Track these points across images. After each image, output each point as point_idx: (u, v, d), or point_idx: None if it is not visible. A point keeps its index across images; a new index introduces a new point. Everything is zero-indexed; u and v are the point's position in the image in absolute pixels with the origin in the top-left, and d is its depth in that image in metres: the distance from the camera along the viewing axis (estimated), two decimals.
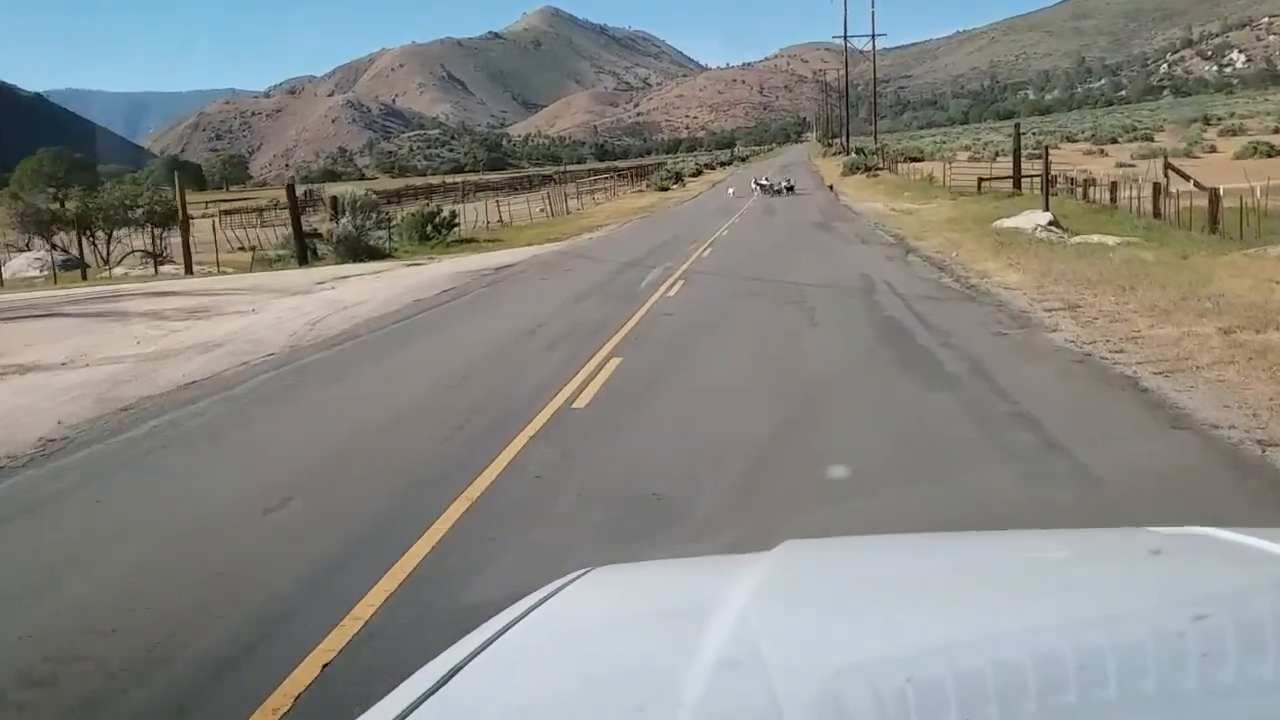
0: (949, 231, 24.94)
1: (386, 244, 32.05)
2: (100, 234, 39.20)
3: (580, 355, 10.57)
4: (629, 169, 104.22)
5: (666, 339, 11.58)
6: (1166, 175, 34.20)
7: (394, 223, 37.48)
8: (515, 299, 16.52)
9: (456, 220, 37.95)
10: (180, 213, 28.91)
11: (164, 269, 34.01)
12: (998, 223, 26.21)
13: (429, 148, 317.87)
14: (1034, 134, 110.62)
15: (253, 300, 18.61)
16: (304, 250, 28.79)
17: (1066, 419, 7.20)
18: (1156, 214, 28.49)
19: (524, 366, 10.39)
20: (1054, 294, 13.35)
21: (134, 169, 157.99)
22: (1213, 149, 70.33)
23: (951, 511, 5.33)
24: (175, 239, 45.78)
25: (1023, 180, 40.55)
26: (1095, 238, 20.16)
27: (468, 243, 35.58)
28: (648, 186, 75.61)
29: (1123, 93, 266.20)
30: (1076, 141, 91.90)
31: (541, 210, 53.03)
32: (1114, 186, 32.83)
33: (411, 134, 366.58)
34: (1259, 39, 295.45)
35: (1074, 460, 6.16)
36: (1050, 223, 25.12)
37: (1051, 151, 62.82)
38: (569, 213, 53.31)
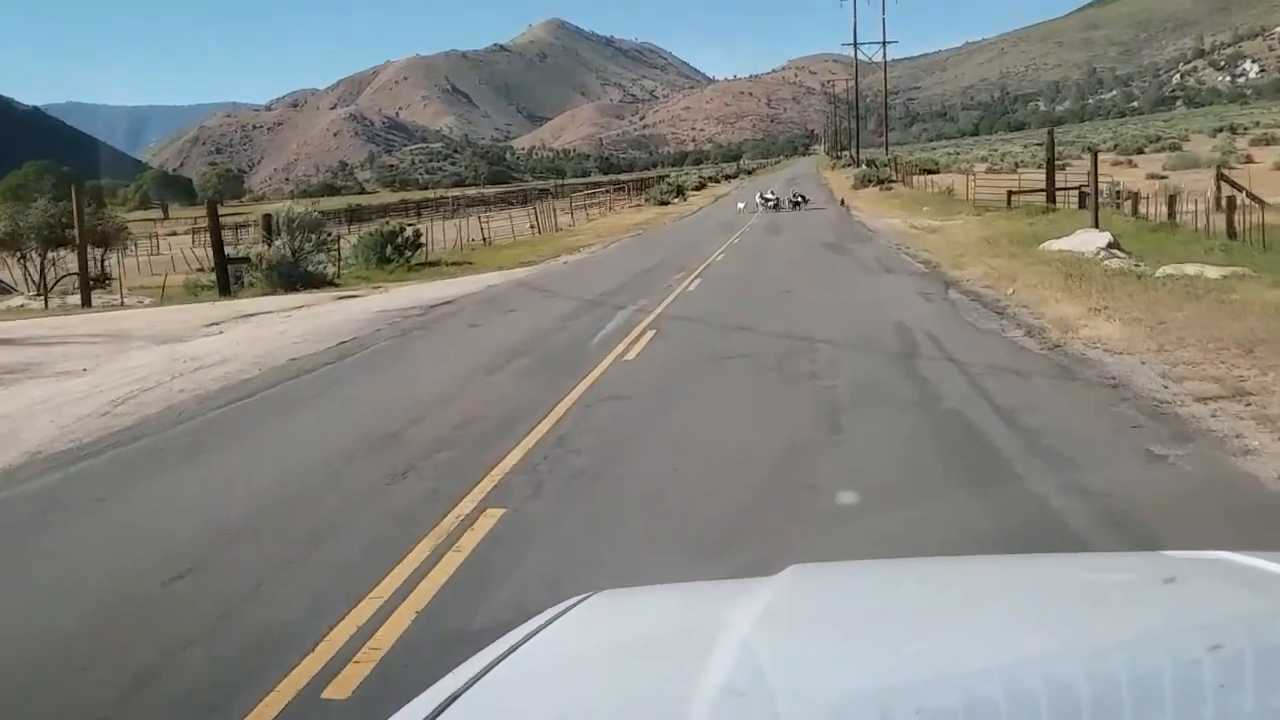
0: (990, 256, 20.57)
1: (330, 269, 27.78)
2: (35, 255, 35.14)
3: (435, 505, 6.16)
4: (630, 182, 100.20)
5: (596, 461, 7.14)
6: (1219, 187, 30.00)
7: (353, 243, 33.39)
8: (416, 362, 12.10)
9: (421, 240, 33.69)
10: (78, 235, 24.57)
11: (92, 295, 29.88)
12: (1046, 245, 21.91)
13: (431, 161, 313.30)
14: (1045, 146, 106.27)
15: (100, 353, 14.31)
16: (225, 279, 24.54)
17: None
18: (1231, 233, 24.02)
19: (320, 540, 5.92)
20: (1189, 364, 8.94)
21: (127, 183, 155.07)
22: (1249, 159, 66.07)
23: None
24: (123, 259, 41.97)
25: (1057, 193, 36.29)
26: (1189, 268, 15.70)
27: (432, 266, 31.37)
28: (646, 201, 71.34)
29: (1135, 103, 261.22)
30: (1098, 152, 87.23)
31: (532, 226, 48.89)
32: (1171, 200, 28.37)
33: (413, 147, 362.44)
34: (1271, 49, 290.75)
35: None
36: (1110, 244, 20.80)
37: (1075, 162, 58.40)
38: (558, 229, 49.22)
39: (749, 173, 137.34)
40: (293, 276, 25.22)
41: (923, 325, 12.26)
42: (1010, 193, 36.73)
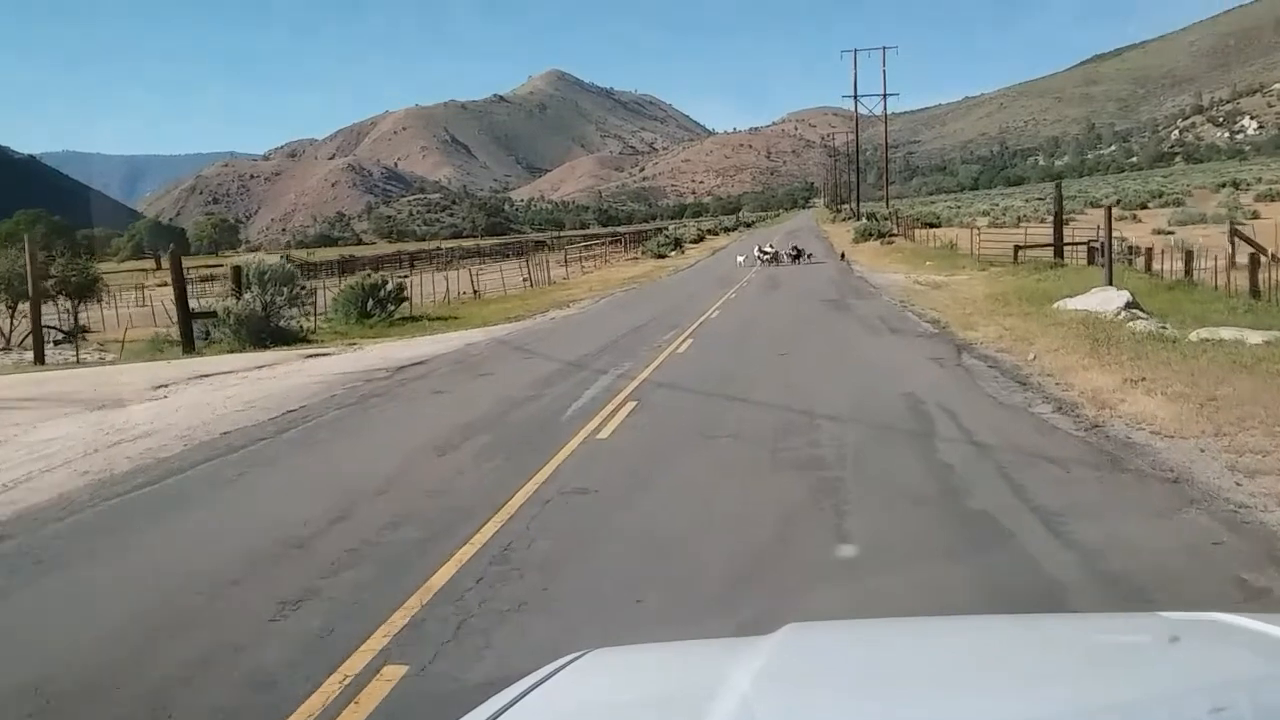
0: (1003, 315, 19.24)
1: (304, 323, 26.46)
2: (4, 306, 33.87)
3: (320, 657, 4.69)
4: (627, 235, 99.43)
5: (540, 585, 5.67)
6: (1233, 243, 28.85)
7: (333, 296, 32.14)
8: (361, 439, 10.59)
9: (404, 294, 32.42)
10: (30, 288, 23.20)
11: (60, 348, 28.51)
12: (1061, 303, 20.64)
13: (429, 212, 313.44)
14: (1053, 200, 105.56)
15: (24, 420, 12.88)
16: (190, 335, 23.12)
17: None
18: (1254, 292, 22.74)
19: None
20: (1259, 453, 7.55)
21: (120, 233, 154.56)
22: (1256, 215, 65.22)
23: None
24: (103, 311, 40.73)
25: (1064, 248, 35.11)
26: (1225, 332, 14.32)
27: (415, 321, 30.08)
28: (643, 254, 70.37)
29: (1134, 159, 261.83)
30: (1101, 206, 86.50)
31: (525, 279, 47.73)
32: (1188, 257, 27.11)
33: (411, 198, 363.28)
34: (1270, 105, 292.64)
35: None
36: (1129, 304, 19.53)
37: (1079, 216, 57.34)
38: (551, 283, 48.13)
39: (748, 225, 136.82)
40: (263, 333, 23.88)
41: (937, 397, 10.85)
42: (1017, 247, 35.50)
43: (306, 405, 12.70)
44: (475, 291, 42.55)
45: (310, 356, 20.40)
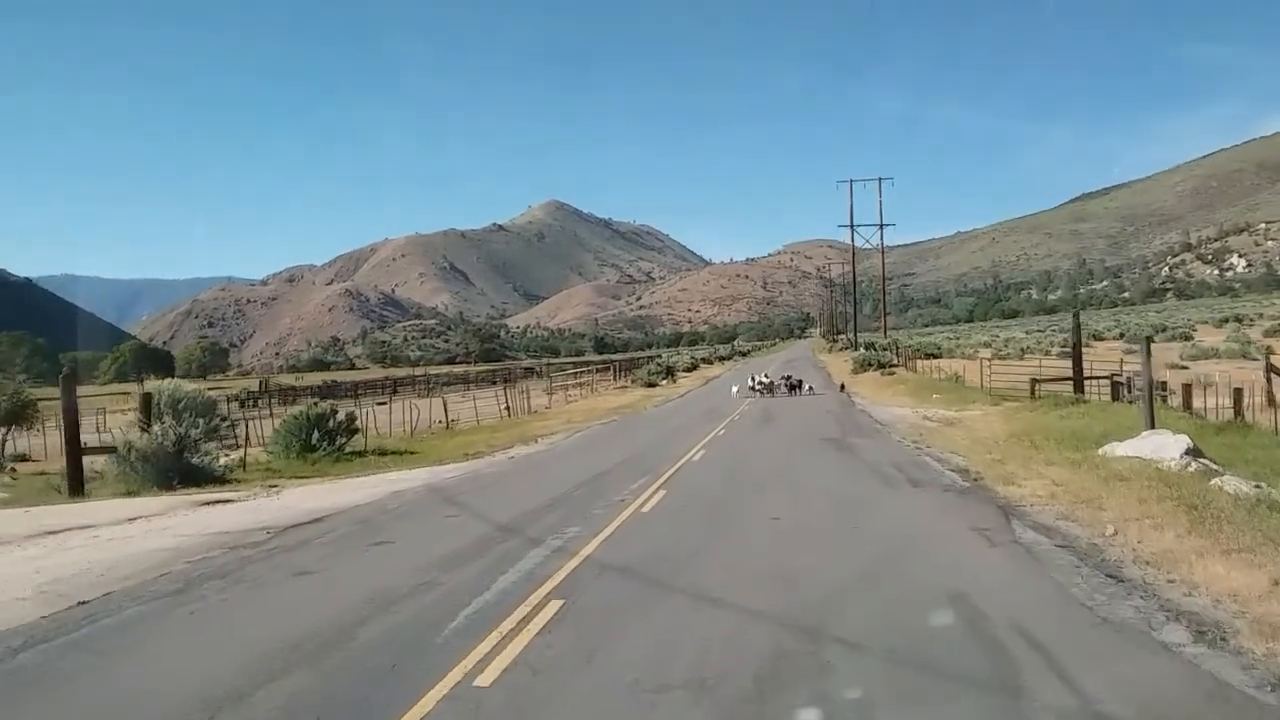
0: (1042, 463, 15.78)
1: (225, 459, 22.92)
2: None
3: None
4: (621, 362, 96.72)
5: None
6: (1269, 378, 25.78)
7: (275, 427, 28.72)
8: (128, 666, 6.79)
9: (356, 425, 28.98)
10: None
11: None
12: (1107, 449, 17.27)
13: (423, 337, 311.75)
14: (1053, 331, 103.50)
15: None
16: (79, 474, 19.53)
17: None
18: None
19: None
20: None
21: (106, 355, 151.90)
22: (1270, 350, 62.59)
23: None
24: (47, 439, 37.23)
25: (1084, 382, 31.97)
26: None
27: (363, 457, 26.57)
28: (633, 382, 67.23)
29: (1126, 294, 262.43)
30: (1104, 340, 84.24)
31: (508, 407, 44.39)
32: (1238, 396, 23.86)
33: (406, 323, 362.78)
34: (1257, 244, 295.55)
35: None
36: (1189, 450, 16.22)
37: (1084, 350, 54.35)
38: (531, 412, 44.74)
39: (743, 354, 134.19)
40: (171, 471, 20.34)
41: (1004, 605, 7.30)
42: (1034, 381, 32.28)
43: (112, 593, 9.09)
44: (447, 422, 39.17)
45: (208, 504, 16.82)
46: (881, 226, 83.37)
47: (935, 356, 67.05)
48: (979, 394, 36.19)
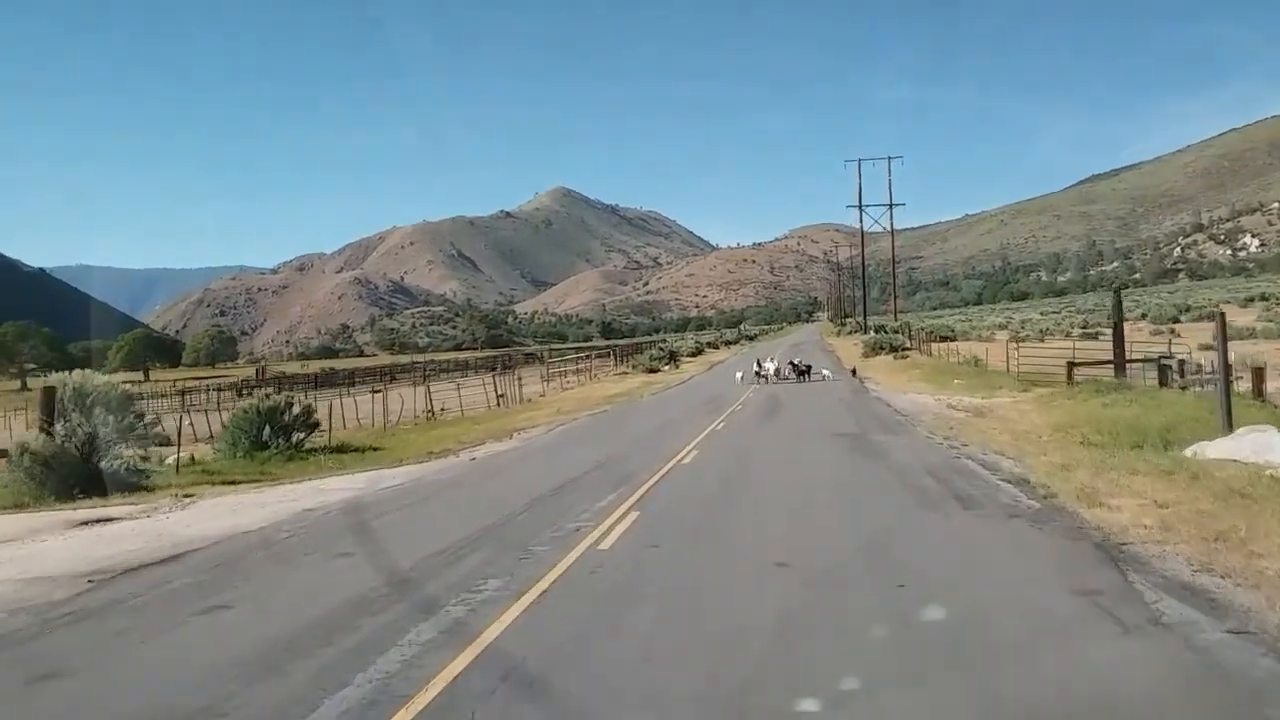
0: (1125, 473, 12.46)
1: (169, 460, 20.01)
2: None
3: None
4: (625, 347, 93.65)
5: None
6: None
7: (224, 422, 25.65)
8: None
9: (315, 419, 25.90)
10: None
11: None
12: (1195, 451, 14.15)
13: (431, 324, 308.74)
14: (1070, 312, 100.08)
15: None
16: None
17: None
18: None
19: None
20: None
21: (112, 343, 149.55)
22: None
23: None
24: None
25: (1127, 365, 28.74)
26: None
27: (318, 455, 23.59)
28: (634, 367, 64.13)
29: (1137, 275, 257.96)
30: (1128, 321, 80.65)
31: (499, 396, 41.38)
32: None
33: (415, 310, 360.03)
34: (1270, 223, 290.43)
35: None
36: None
37: (1106, 331, 50.50)
38: (522, 401, 41.66)
39: (750, 338, 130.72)
40: (73, 478, 17.27)
41: None
42: (1071, 364, 28.97)
43: None
44: (431, 413, 36.11)
45: (86, 523, 13.73)
46: (891, 206, 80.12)
47: (949, 339, 63.84)
48: (1004, 379, 33.00)
